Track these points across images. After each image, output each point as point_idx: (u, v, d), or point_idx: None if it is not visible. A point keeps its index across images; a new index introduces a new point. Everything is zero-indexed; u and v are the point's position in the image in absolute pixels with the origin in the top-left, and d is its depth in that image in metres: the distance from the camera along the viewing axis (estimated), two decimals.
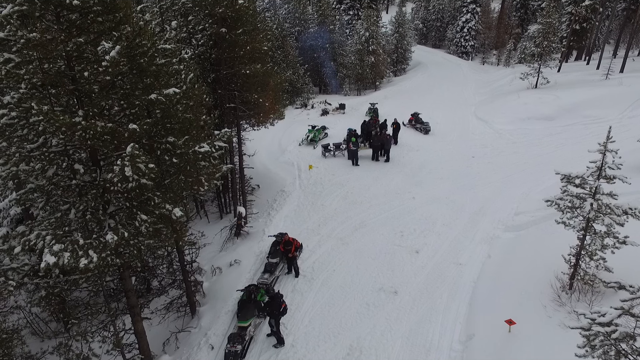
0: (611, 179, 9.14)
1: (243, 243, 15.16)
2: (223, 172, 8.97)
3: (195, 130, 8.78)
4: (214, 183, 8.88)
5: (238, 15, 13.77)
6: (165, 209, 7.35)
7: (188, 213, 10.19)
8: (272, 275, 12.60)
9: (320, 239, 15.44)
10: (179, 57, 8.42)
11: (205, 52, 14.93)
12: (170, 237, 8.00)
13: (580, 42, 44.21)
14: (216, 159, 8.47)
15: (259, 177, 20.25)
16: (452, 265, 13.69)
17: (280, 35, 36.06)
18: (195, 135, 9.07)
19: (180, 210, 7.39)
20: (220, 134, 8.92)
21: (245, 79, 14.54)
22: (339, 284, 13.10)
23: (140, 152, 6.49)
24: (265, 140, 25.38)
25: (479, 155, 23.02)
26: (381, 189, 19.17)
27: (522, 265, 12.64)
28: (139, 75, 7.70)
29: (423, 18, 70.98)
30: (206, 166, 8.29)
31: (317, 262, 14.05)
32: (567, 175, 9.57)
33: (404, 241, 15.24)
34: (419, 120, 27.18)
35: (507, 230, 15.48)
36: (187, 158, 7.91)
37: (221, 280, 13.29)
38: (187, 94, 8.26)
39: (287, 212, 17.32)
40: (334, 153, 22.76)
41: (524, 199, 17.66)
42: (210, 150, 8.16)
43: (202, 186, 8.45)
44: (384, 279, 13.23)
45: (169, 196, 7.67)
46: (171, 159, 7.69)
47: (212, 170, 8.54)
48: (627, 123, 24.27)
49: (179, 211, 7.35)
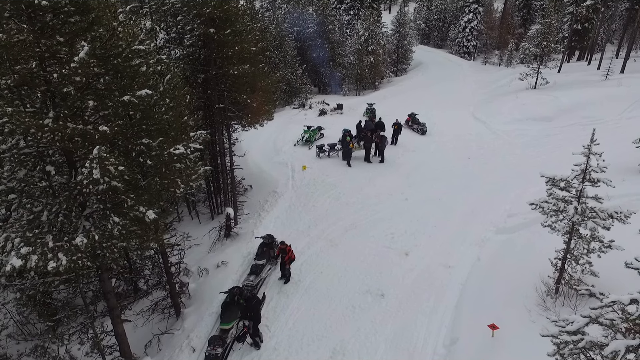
0: (595, 182, 8.99)
1: (232, 244, 15.10)
2: (200, 174, 8.92)
3: (175, 131, 8.72)
4: (191, 185, 8.83)
5: (227, 15, 13.71)
6: (138, 212, 7.30)
7: (167, 215, 10.08)
8: (257, 277, 12.51)
9: (309, 240, 15.35)
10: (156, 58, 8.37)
11: (195, 52, 14.90)
12: (146, 240, 7.95)
13: (582, 42, 43.88)
14: (192, 160, 8.42)
15: (252, 177, 20.17)
16: (441, 268, 13.57)
17: (279, 35, 35.99)
18: (175, 137, 9.02)
19: (154, 212, 7.33)
20: (195, 136, 8.85)
21: (234, 80, 14.48)
22: (326, 287, 13.01)
23: (109, 155, 6.45)
24: (260, 140, 25.34)
25: (475, 156, 22.86)
26: (374, 190, 19.06)
27: (510, 268, 12.50)
28: (114, 77, 7.65)
29: (425, 18, 70.77)
30: (182, 168, 8.26)
31: (305, 264, 13.96)
32: (552, 178, 9.42)
33: (394, 243, 15.13)
34: (415, 120, 27.05)
35: (498, 232, 15.34)
36: (162, 160, 7.87)
37: (208, 282, 13.22)
38: (165, 95, 8.21)
39: (278, 213, 17.25)
40: (329, 154, 22.65)
41: (517, 200, 17.48)
42: (185, 152, 8.11)
43: (178, 188, 8.38)
44: (371, 281, 13.13)
45: (144, 198, 7.62)
46: (146, 161, 7.66)
47: (188, 172, 8.50)
48: (624, 124, 24.06)
49: (153, 214, 7.30)
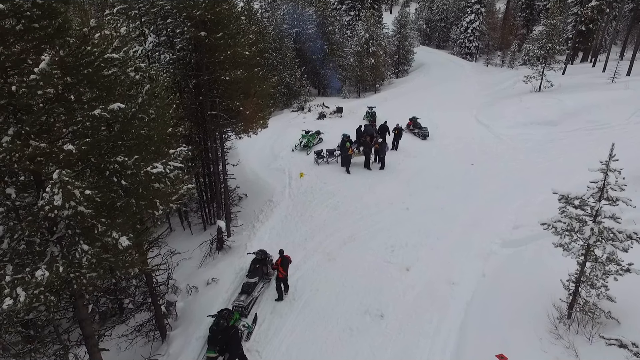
0: (614, 201, 8.26)
1: (224, 258, 14.37)
2: (181, 194, 8.20)
3: (156, 145, 8.01)
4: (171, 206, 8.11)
5: (218, 18, 13.00)
6: (111, 238, 6.59)
7: (149, 235, 9.34)
8: (249, 297, 11.76)
9: (306, 254, 14.61)
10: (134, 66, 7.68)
11: (186, 56, 14.20)
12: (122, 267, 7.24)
13: (586, 43, 43.13)
14: (172, 180, 7.70)
15: (247, 185, 19.43)
16: (444, 285, 12.83)
17: (278, 37, 35.27)
18: (157, 151, 8.29)
19: (127, 239, 6.61)
20: (175, 153, 8.12)
21: (227, 85, 13.77)
22: (322, 306, 12.27)
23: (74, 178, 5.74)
24: (257, 145, 24.56)
25: (478, 161, 22.10)
26: (374, 199, 18.31)
27: (518, 288, 11.76)
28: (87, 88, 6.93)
29: (427, 18, 70.00)
30: (161, 188, 7.54)
31: (300, 281, 13.22)
32: (566, 196, 8.69)
33: (395, 257, 14.39)
34: (417, 125, 26.30)
35: (504, 245, 14.61)
36: (139, 180, 7.15)
37: (197, 300, 12.49)
38: (143, 106, 7.49)
39: (274, 223, 16.50)
40: (327, 160, 21.91)
41: (524, 210, 16.77)
42: (164, 171, 7.38)
43: (157, 210, 7.67)
44: (370, 299, 12.39)
45: (118, 222, 6.91)
46: (120, 181, 6.94)
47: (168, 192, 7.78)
48: (632, 129, 23.33)
49: (126, 240, 6.58)
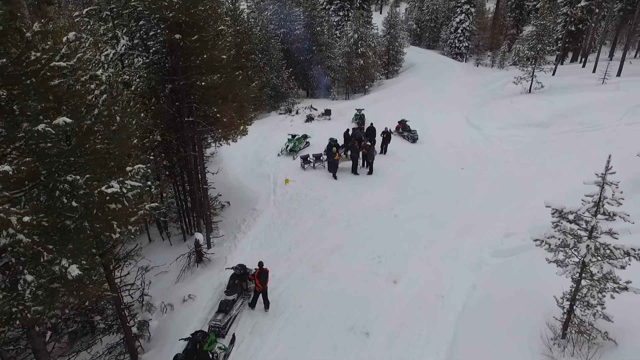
0: (611, 216, 7.74)
1: (203, 272, 13.67)
2: (142, 215, 7.52)
3: (117, 161, 7.33)
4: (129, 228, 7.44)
5: (194, 20, 12.32)
6: (60, 266, 5.92)
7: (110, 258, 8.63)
8: (227, 316, 11.08)
9: (290, 265, 13.97)
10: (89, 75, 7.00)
11: (161, 60, 13.50)
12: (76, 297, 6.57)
13: (576, 43, 42.98)
14: (130, 199, 7.02)
15: (230, 192, 18.73)
16: (432, 298, 12.27)
17: (265, 38, 34.57)
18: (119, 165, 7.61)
19: (79, 267, 5.94)
20: (133, 171, 7.43)
21: (204, 91, 13.09)
22: (306, 321, 11.64)
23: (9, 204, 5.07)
24: (242, 149, 23.78)
25: (469, 164, 21.64)
26: (361, 205, 17.73)
27: (510, 302, 11.23)
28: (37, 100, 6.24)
29: (417, 18, 69.71)
30: (118, 209, 6.87)
31: (283, 295, 12.58)
32: (560, 210, 8.16)
33: (382, 267, 13.81)
34: (406, 127, 25.77)
35: (495, 254, 14.10)
36: (93, 200, 6.48)
37: (172, 319, 11.79)
38: (99, 119, 6.82)
39: (256, 233, 15.81)
40: (314, 165, 21.28)
41: (515, 216, 16.31)
42: (120, 191, 6.70)
43: (114, 232, 7.01)
44: (356, 315, 11.78)
45: (69, 248, 6.24)
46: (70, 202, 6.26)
47: (128, 212, 7.11)
48: (623, 130, 22.97)
49: (76, 269, 5.91)
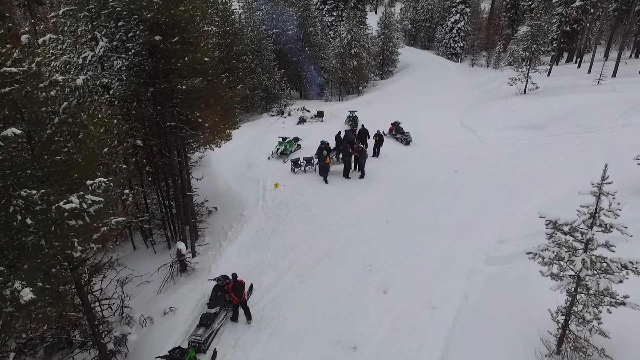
0: (608, 229, 7.31)
1: (186, 282, 13.18)
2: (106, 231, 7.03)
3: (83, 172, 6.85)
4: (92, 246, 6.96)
5: (174, 21, 11.84)
6: (12, 289, 5.44)
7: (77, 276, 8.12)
8: (208, 330, 10.59)
9: (277, 274, 13.49)
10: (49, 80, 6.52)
11: (141, 62, 13.01)
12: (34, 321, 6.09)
13: (571, 43, 42.75)
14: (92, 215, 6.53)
15: (218, 197, 18.23)
16: (423, 310, 11.80)
17: (256, 38, 34.08)
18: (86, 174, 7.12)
19: (32, 291, 5.45)
20: (94, 184, 6.92)
21: (186, 94, 12.61)
22: (291, 335, 11.16)
23: None
24: (232, 152, 23.22)
25: (463, 167, 21.19)
26: (352, 211, 17.25)
27: (503, 313, 10.80)
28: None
29: (412, 19, 69.44)
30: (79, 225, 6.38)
31: (268, 306, 12.10)
32: (554, 222, 7.73)
33: (373, 276, 13.35)
34: (399, 130, 25.32)
35: (489, 262, 13.65)
36: (50, 217, 6.00)
37: (152, 333, 11.30)
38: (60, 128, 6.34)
39: (244, 241, 15.32)
40: (305, 168, 20.79)
41: (509, 221, 15.89)
42: (80, 206, 6.21)
43: (75, 251, 6.53)
44: (343, 328, 11.31)
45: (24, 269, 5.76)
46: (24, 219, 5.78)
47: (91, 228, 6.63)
48: (619, 132, 22.67)
49: (30, 293, 5.43)
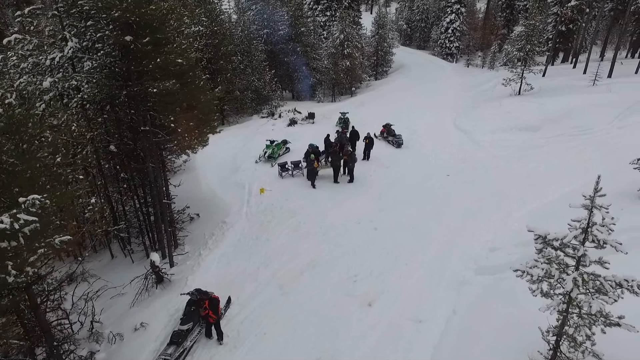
0: (601, 245, 6.72)
1: (162, 294, 12.51)
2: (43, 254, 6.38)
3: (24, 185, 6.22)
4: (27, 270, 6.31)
5: (145, 21, 11.20)
6: None
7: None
8: (179, 348, 9.94)
9: (256, 287, 12.83)
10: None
11: (113, 63, 12.36)
12: None
13: (567, 43, 42.29)
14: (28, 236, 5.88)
15: (200, 203, 17.57)
16: (409, 323, 11.17)
17: (247, 39, 33.45)
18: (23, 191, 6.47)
19: None
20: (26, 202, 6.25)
21: (160, 98, 11.97)
22: (269, 351, 10.51)
23: None
24: (219, 155, 22.65)
25: (455, 171, 20.61)
26: (340, 217, 16.62)
27: (492, 329, 10.20)
28: None
29: (407, 18, 69.00)
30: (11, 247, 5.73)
31: (246, 322, 11.44)
32: (544, 236, 7.13)
33: (357, 288, 12.71)
34: (390, 132, 24.74)
35: (479, 272, 13.04)
36: None
37: (121, 350, 10.63)
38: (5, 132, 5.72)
39: (225, 249, 14.65)
40: (292, 173, 20.18)
41: (502, 227, 15.32)
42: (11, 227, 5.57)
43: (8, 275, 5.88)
44: (324, 344, 10.66)
45: None
46: None
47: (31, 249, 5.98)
48: (615, 134, 22.22)
49: None
